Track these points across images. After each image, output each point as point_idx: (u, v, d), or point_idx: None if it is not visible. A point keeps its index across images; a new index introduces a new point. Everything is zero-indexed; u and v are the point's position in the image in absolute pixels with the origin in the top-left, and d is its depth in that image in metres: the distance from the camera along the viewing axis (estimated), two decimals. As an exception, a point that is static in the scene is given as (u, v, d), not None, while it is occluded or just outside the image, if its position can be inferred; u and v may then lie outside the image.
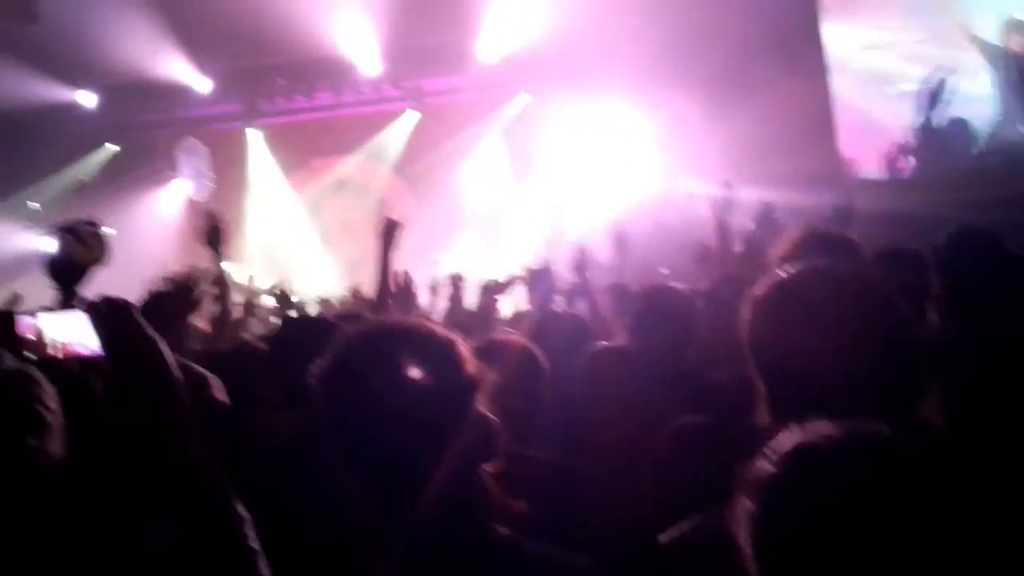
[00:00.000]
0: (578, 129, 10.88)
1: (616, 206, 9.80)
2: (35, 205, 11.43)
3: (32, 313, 1.92)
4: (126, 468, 1.76)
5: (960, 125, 9.26)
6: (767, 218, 4.64)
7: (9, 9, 8.44)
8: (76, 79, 11.25)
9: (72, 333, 1.86)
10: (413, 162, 12.35)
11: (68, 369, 1.95)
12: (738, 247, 4.44)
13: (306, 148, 12.60)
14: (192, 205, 12.20)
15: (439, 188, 12.36)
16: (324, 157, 12.69)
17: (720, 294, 3.15)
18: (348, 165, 12.70)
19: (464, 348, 1.43)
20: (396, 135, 12.43)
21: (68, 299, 2.49)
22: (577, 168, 11.11)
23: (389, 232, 3.72)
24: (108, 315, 1.44)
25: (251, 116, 12.36)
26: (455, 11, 10.27)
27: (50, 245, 2.64)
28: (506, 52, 10.99)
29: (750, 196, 6.00)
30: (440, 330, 1.45)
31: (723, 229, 4.47)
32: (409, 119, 12.33)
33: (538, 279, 5.12)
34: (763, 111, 8.91)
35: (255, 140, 12.64)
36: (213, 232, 3.91)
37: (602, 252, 5.82)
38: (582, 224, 9.73)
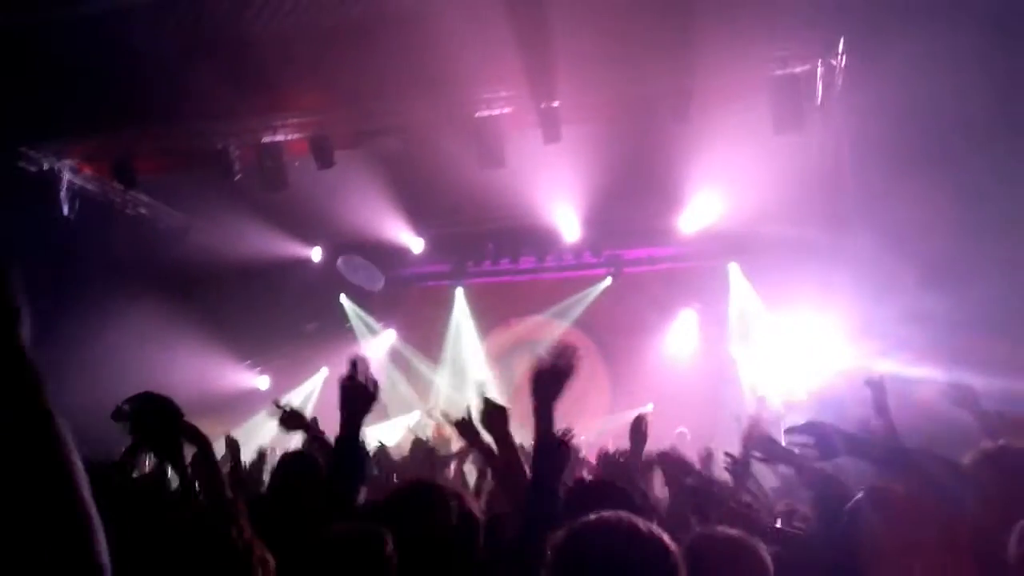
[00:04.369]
0: (779, 298, 10.70)
1: (816, 379, 9.44)
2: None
3: None
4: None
5: None
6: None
7: (267, 180, 9.64)
8: (308, 237, 12.47)
9: None
10: (607, 325, 12.61)
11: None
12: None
13: (508, 307, 13.21)
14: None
15: (631, 352, 12.44)
16: (523, 317, 13.22)
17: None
18: (543, 325, 13.12)
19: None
20: (590, 299, 12.81)
21: None
22: (776, 337, 10.87)
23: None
24: None
25: (459, 275, 13.14)
26: (658, 188, 10.58)
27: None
28: (707, 224, 11.13)
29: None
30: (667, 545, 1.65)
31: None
32: (604, 285, 12.71)
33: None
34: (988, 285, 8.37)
35: (461, 297, 13.38)
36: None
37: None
38: (781, 395, 9.42)
